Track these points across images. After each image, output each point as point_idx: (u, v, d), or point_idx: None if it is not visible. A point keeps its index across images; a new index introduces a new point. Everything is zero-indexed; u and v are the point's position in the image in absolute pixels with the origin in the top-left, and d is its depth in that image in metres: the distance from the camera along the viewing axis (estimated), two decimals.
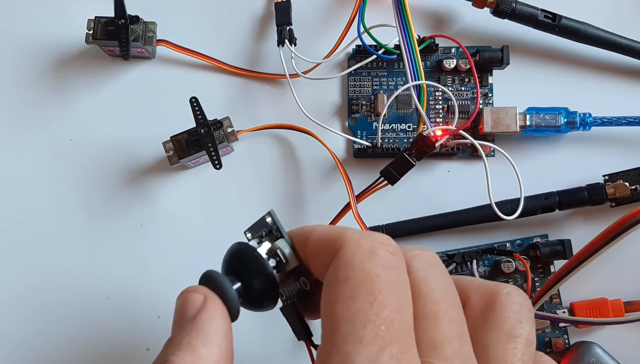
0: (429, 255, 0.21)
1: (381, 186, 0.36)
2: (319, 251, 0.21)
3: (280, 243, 0.23)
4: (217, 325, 0.20)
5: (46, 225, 0.39)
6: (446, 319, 0.19)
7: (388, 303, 0.18)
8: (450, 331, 0.19)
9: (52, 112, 0.40)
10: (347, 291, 0.18)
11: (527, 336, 0.20)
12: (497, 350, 0.20)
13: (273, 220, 0.23)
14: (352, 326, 0.17)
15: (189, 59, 0.40)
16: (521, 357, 0.20)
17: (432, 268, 0.20)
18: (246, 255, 0.22)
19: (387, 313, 0.18)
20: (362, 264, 0.18)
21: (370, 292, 0.18)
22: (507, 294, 0.21)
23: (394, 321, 0.18)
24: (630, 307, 0.37)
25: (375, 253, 0.19)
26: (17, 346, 0.38)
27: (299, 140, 0.39)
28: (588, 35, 0.38)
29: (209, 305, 0.20)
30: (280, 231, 0.23)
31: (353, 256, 0.19)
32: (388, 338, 0.17)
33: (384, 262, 0.19)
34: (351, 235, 0.19)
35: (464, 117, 0.39)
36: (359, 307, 0.18)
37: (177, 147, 0.37)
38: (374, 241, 0.19)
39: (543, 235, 0.38)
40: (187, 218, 0.39)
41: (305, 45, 0.39)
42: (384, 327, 0.17)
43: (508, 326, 0.20)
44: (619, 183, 0.37)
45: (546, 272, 0.38)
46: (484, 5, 0.38)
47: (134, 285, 0.38)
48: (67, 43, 0.40)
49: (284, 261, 0.22)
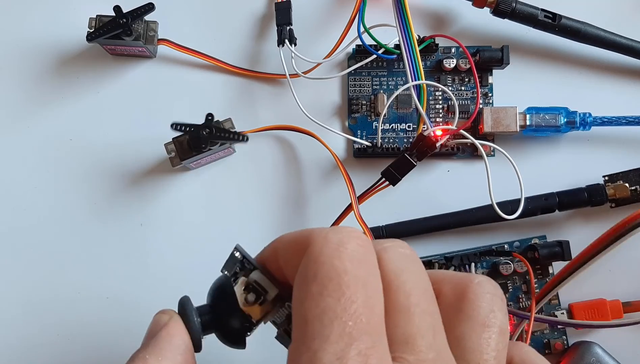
0: (401, 247, 0.20)
1: (382, 187, 0.36)
2: (289, 256, 0.20)
3: (254, 275, 0.22)
4: (174, 342, 0.21)
5: (46, 224, 0.39)
6: (419, 311, 0.19)
7: (356, 298, 0.17)
8: (424, 323, 0.18)
9: (52, 111, 0.40)
10: (315, 288, 0.18)
11: (500, 325, 0.20)
12: (472, 340, 0.20)
13: (241, 254, 0.22)
14: (320, 323, 0.17)
15: (189, 58, 0.40)
16: (495, 346, 0.20)
17: (405, 259, 0.20)
18: (225, 290, 0.22)
19: (355, 308, 0.17)
20: (330, 259, 0.18)
21: (338, 287, 0.17)
22: (478, 284, 0.21)
23: (361, 316, 0.17)
24: (628, 308, 0.37)
25: (343, 246, 0.18)
26: (17, 346, 0.38)
27: (299, 140, 0.39)
28: (588, 35, 0.38)
29: (170, 324, 0.21)
30: (251, 263, 0.22)
31: (320, 251, 0.18)
32: (356, 333, 0.17)
33: (352, 255, 0.18)
34: (318, 232, 0.19)
35: (464, 116, 0.39)
36: (326, 303, 0.17)
37: (179, 149, 0.36)
38: (342, 234, 0.19)
39: (541, 237, 0.38)
40: (188, 219, 0.39)
41: (305, 45, 0.39)
42: (351, 323, 0.17)
43: (481, 316, 0.20)
44: (619, 184, 0.37)
45: (545, 274, 0.38)
46: (484, 5, 0.38)
47: (134, 285, 0.38)
48: (67, 42, 0.40)
49: (263, 292, 0.22)
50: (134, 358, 0.20)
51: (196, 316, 0.22)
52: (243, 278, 0.22)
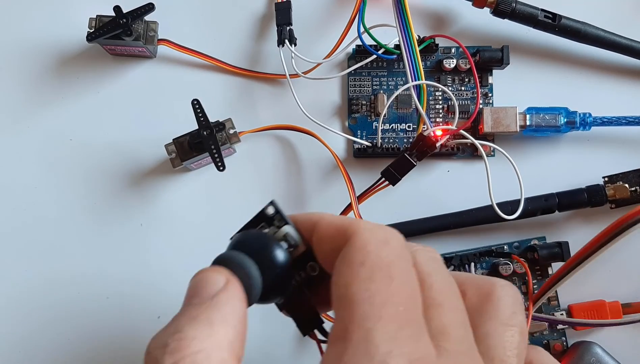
0: (430, 251, 0.22)
1: (382, 186, 0.36)
2: (327, 237, 0.21)
3: (287, 228, 0.23)
4: (236, 308, 0.19)
5: (46, 224, 0.39)
6: (451, 307, 0.20)
7: (403, 288, 0.19)
8: (456, 318, 0.20)
9: (52, 111, 0.40)
10: (364, 274, 0.19)
11: (521, 326, 0.22)
12: (495, 338, 0.21)
13: (276, 209, 0.23)
14: (371, 305, 0.18)
15: (189, 58, 0.40)
16: (517, 345, 0.21)
17: (434, 262, 0.21)
18: (260, 240, 0.22)
19: (403, 296, 0.18)
20: (378, 250, 0.19)
21: (387, 276, 0.19)
22: (502, 287, 0.22)
23: (409, 304, 0.19)
24: (628, 309, 0.37)
25: (388, 242, 0.20)
26: (18, 346, 0.38)
27: (300, 140, 0.39)
28: (588, 35, 0.38)
29: (230, 287, 0.20)
30: (284, 219, 0.23)
31: (368, 242, 0.19)
32: (405, 318, 0.18)
33: (396, 252, 0.19)
34: (364, 224, 0.20)
35: (464, 116, 0.39)
36: (376, 288, 0.18)
37: (179, 150, 0.36)
38: (386, 231, 0.20)
39: (541, 238, 0.38)
40: (188, 219, 0.39)
41: (305, 45, 0.39)
42: (401, 308, 0.18)
43: (504, 316, 0.22)
44: (618, 184, 0.37)
45: (544, 275, 0.38)
46: (484, 5, 0.38)
47: (134, 285, 0.38)
48: (67, 42, 0.40)
49: (294, 243, 0.22)
50: (195, 318, 0.19)
51: (256, 274, 0.21)
52: (273, 229, 0.23)
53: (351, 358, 0.17)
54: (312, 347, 0.38)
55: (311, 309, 0.23)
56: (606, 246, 0.30)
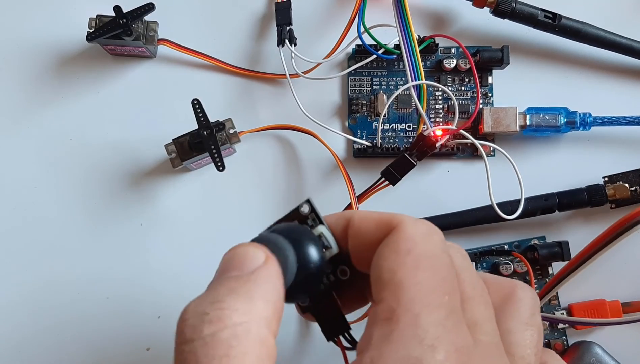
0: (460, 249, 0.22)
1: (382, 186, 0.36)
2: (366, 230, 0.21)
3: (321, 228, 0.22)
4: (275, 285, 0.19)
5: (46, 224, 0.39)
6: (483, 302, 0.21)
7: (447, 279, 0.19)
8: (487, 312, 0.21)
9: (52, 111, 0.40)
10: (411, 262, 0.19)
11: (540, 327, 0.23)
12: (517, 335, 0.22)
13: (311, 207, 0.22)
14: (419, 291, 0.18)
15: (189, 58, 0.40)
16: (536, 344, 0.22)
17: (465, 259, 0.22)
18: (299, 232, 0.21)
19: (447, 287, 0.19)
20: (423, 242, 0.20)
21: (432, 266, 0.19)
22: (522, 289, 0.23)
23: (452, 295, 0.19)
24: (628, 308, 0.37)
25: (431, 235, 0.20)
26: (18, 346, 0.38)
27: (300, 140, 0.39)
28: (588, 35, 0.38)
29: (270, 264, 0.19)
30: (319, 219, 0.22)
31: (414, 232, 0.20)
32: (450, 307, 0.19)
33: (439, 245, 0.20)
34: (407, 217, 0.21)
35: (464, 116, 0.39)
36: (424, 276, 0.19)
37: (179, 150, 0.36)
38: (429, 225, 0.21)
39: (541, 237, 0.38)
40: (189, 219, 0.39)
41: (305, 45, 0.39)
42: (446, 298, 0.19)
43: (525, 316, 0.22)
44: (618, 184, 0.37)
45: (544, 274, 0.38)
46: (484, 5, 0.38)
47: (134, 285, 0.38)
48: (67, 42, 0.40)
49: (327, 245, 0.22)
50: (235, 290, 0.18)
51: (292, 257, 0.20)
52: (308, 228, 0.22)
53: (400, 338, 0.18)
54: (312, 347, 0.38)
55: (338, 314, 0.23)
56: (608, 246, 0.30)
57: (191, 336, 0.17)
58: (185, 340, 0.17)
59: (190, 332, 0.17)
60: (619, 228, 0.29)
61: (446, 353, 0.17)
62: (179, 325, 0.18)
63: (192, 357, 0.17)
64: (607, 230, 0.30)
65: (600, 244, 0.30)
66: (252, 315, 0.18)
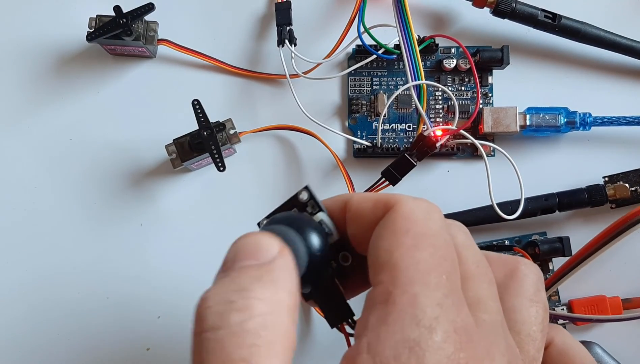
0: (461, 226, 0.22)
1: (382, 186, 0.36)
2: (364, 211, 0.21)
3: (321, 215, 0.22)
4: (293, 275, 0.19)
5: (46, 224, 0.39)
6: (487, 280, 0.20)
7: (446, 258, 0.19)
8: (491, 290, 0.20)
9: (52, 111, 0.40)
10: (409, 242, 0.19)
11: (545, 303, 0.23)
12: (522, 313, 0.22)
13: (310, 194, 0.22)
14: (417, 271, 0.18)
15: (189, 58, 0.40)
16: (542, 321, 0.22)
17: (466, 236, 0.21)
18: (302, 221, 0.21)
19: (446, 266, 0.19)
20: (422, 220, 0.19)
21: (431, 245, 0.19)
22: (526, 265, 0.23)
23: (451, 274, 0.19)
24: (628, 304, 0.37)
25: (431, 213, 0.20)
26: (17, 346, 0.38)
27: (300, 140, 0.39)
28: (588, 35, 0.38)
29: (286, 255, 0.19)
30: (319, 205, 0.22)
31: (412, 211, 0.19)
32: (449, 287, 0.18)
33: (439, 223, 0.20)
34: (405, 196, 0.20)
35: (464, 116, 0.39)
36: (422, 256, 0.18)
37: (179, 150, 0.36)
38: (428, 204, 0.20)
39: (542, 233, 0.38)
40: (189, 219, 0.39)
41: (305, 45, 0.39)
42: (444, 277, 0.18)
43: (529, 293, 0.22)
44: (619, 184, 0.37)
45: (545, 270, 0.38)
46: (484, 5, 0.38)
47: (134, 285, 0.38)
48: (67, 42, 0.40)
49: (327, 231, 0.22)
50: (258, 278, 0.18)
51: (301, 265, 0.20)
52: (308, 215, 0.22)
53: (396, 321, 0.17)
54: (312, 347, 0.38)
55: (342, 301, 0.22)
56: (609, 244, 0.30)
57: (217, 323, 0.17)
58: (208, 328, 0.17)
59: (216, 319, 0.17)
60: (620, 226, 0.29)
61: (445, 334, 0.17)
62: (199, 312, 0.17)
63: (218, 346, 0.16)
64: (608, 227, 0.30)
65: (601, 242, 0.30)
66: (279, 305, 0.18)
